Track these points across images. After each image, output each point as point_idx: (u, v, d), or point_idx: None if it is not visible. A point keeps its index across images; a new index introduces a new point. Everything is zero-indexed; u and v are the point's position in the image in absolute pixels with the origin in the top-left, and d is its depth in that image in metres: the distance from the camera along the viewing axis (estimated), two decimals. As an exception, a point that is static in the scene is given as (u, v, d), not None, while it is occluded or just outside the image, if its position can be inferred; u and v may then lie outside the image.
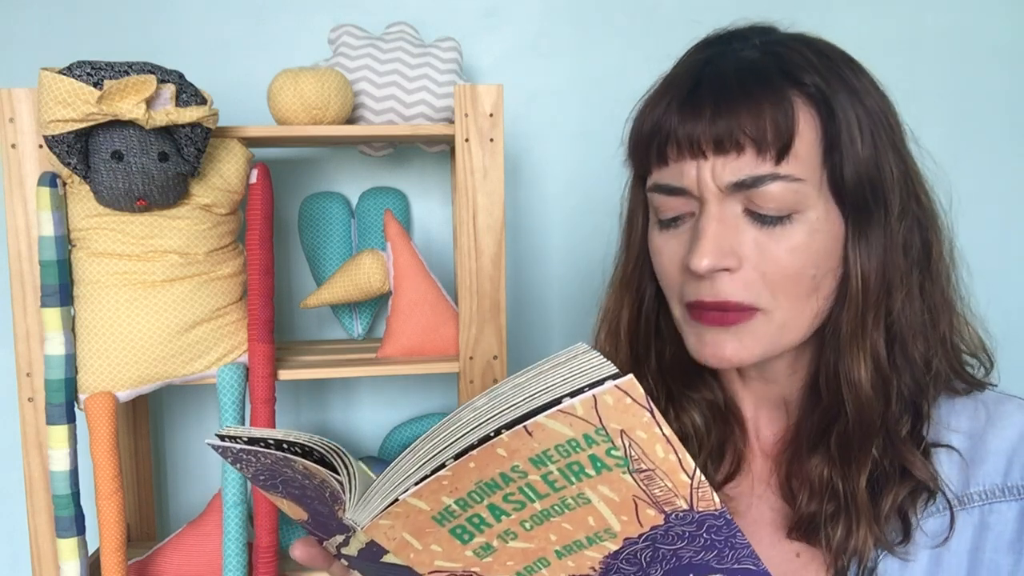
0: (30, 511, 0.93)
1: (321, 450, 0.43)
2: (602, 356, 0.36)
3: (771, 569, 0.60)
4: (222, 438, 0.46)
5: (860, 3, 1.29)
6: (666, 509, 0.40)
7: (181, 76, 0.87)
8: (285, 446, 0.44)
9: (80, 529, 0.92)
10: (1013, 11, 1.32)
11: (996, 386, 0.60)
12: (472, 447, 0.37)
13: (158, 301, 0.92)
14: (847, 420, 0.56)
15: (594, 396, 0.35)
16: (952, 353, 0.59)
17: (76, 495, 0.91)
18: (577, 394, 0.35)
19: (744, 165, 0.53)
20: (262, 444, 0.45)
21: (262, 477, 0.48)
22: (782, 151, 0.52)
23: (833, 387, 0.57)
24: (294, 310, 1.24)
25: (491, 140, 0.98)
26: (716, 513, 0.40)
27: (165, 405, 1.23)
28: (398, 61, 1.06)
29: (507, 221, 1.19)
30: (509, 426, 0.36)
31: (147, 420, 1.17)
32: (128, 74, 0.84)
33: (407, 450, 0.40)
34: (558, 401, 0.35)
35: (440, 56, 1.07)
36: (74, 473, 0.91)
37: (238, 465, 0.48)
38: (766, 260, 0.54)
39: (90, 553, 0.96)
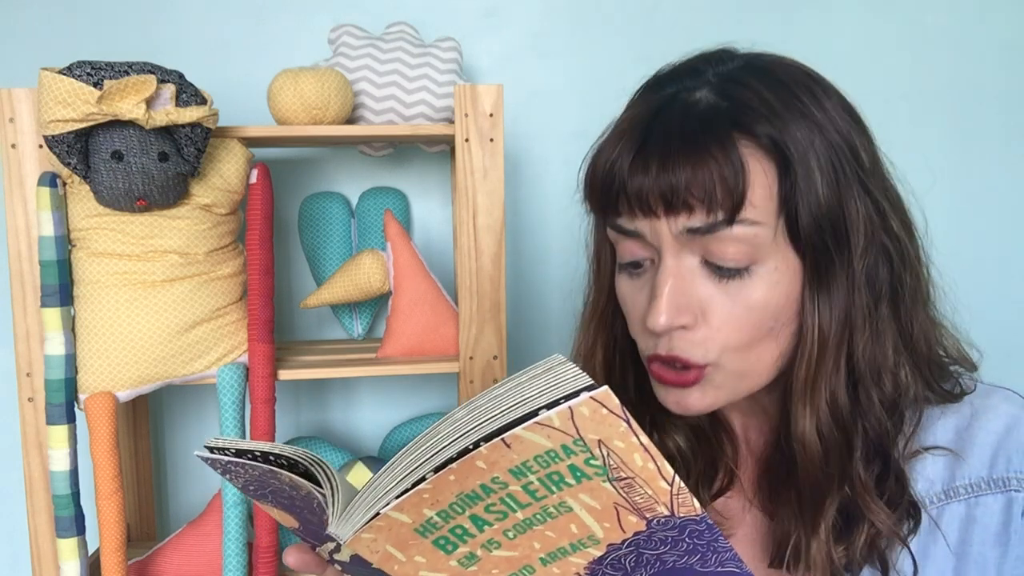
0: (30, 511, 0.93)
1: (305, 463, 0.44)
2: (578, 368, 0.36)
3: None
4: (211, 450, 0.46)
5: (860, 3, 1.29)
6: (648, 515, 0.40)
7: (181, 76, 0.87)
8: (271, 458, 0.45)
9: (80, 529, 0.92)
10: (1013, 11, 1.32)
11: (982, 394, 0.59)
12: (452, 460, 0.37)
13: (158, 301, 0.92)
14: (798, 477, 0.56)
15: (570, 408, 0.35)
16: (931, 372, 0.58)
17: (76, 495, 0.91)
18: (553, 406, 0.35)
19: (696, 221, 0.52)
20: (248, 456, 0.45)
21: (252, 487, 0.48)
22: (734, 209, 0.51)
23: (789, 440, 0.56)
24: (294, 310, 1.24)
25: (491, 140, 0.98)
26: (697, 518, 0.41)
27: (165, 405, 1.23)
28: (398, 61, 1.06)
29: (507, 221, 1.19)
30: (487, 439, 0.37)
31: (147, 420, 1.17)
32: (128, 74, 0.84)
33: (388, 463, 0.40)
34: (535, 413, 0.36)
35: (440, 56, 1.07)
36: (74, 473, 0.91)
37: (228, 476, 0.48)
38: (723, 317, 0.53)
39: (90, 553, 0.96)
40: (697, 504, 0.40)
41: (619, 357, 0.64)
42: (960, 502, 0.55)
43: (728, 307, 0.53)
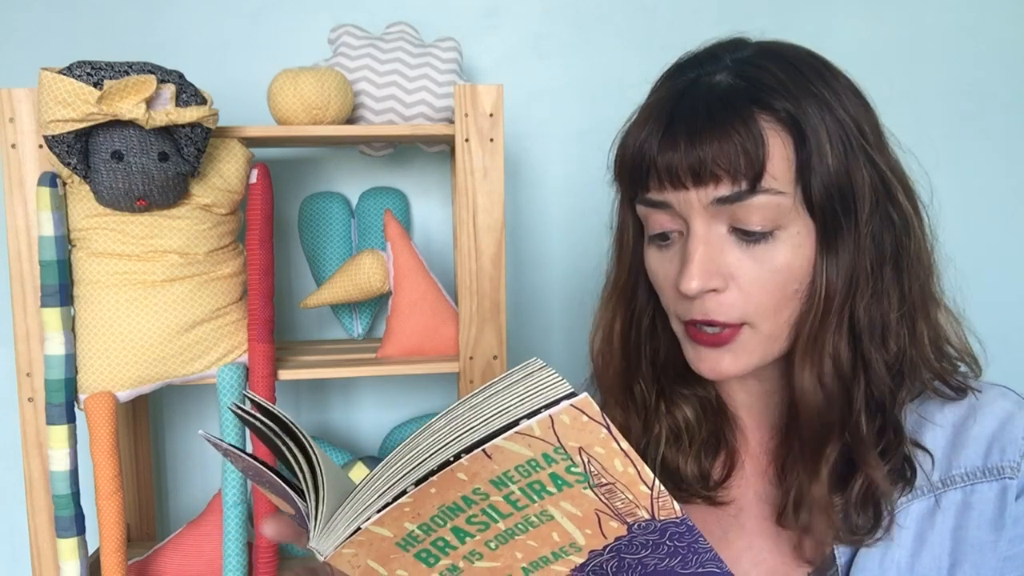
0: (30, 511, 0.93)
1: (299, 464, 0.43)
2: (557, 373, 0.36)
3: (769, 560, 0.60)
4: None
5: (860, 3, 1.29)
6: (628, 520, 0.41)
7: (181, 76, 0.87)
8: (281, 441, 0.45)
9: (80, 529, 0.92)
10: (1013, 11, 1.32)
11: (981, 392, 0.61)
12: (432, 473, 0.37)
13: (158, 301, 0.92)
14: (800, 426, 0.59)
15: (550, 416, 0.35)
16: (936, 352, 0.60)
17: (76, 495, 0.91)
18: (534, 415, 0.35)
19: (722, 190, 0.55)
20: (244, 451, 0.46)
21: (250, 473, 0.49)
22: (755, 178, 0.54)
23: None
24: (294, 310, 1.24)
25: (491, 140, 0.98)
26: (678, 520, 0.41)
27: (165, 405, 1.23)
28: (398, 61, 1.06)
29: (507, 221, 1.19)
30: (468, 450, 0.36)
31: (147, 420, 1.17)
32: (128, 74, 0.84)
33: (368, 476, 0.40)
34: (515, 423, 0.36)
35: (440, 56, 1.07)
36: (74, 473, 0.91)
37: (229, 458, 0.49)
38: (751, 280, 0.56)
39: (90, 553, 0.96)
40: (677, 506, 0.40)
41: (635, 332, 0.66)
42: (956, 490, 0.58)
43: (756, 270, 0.56)
